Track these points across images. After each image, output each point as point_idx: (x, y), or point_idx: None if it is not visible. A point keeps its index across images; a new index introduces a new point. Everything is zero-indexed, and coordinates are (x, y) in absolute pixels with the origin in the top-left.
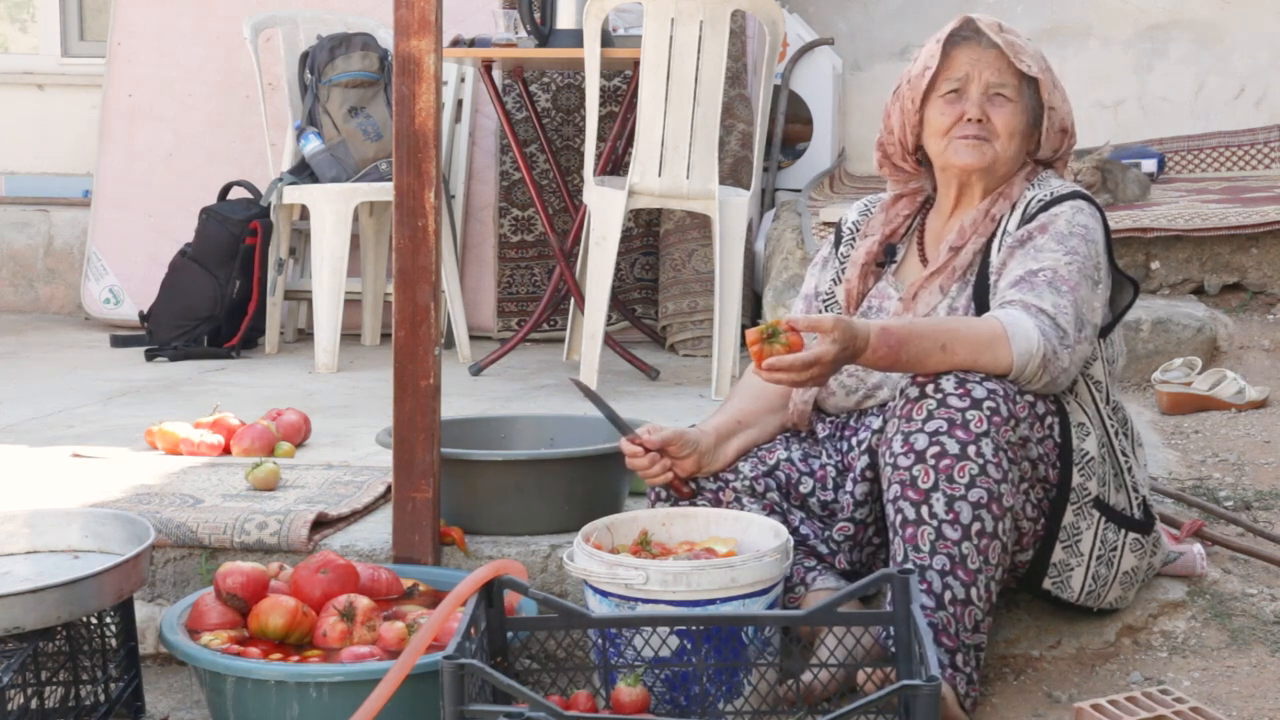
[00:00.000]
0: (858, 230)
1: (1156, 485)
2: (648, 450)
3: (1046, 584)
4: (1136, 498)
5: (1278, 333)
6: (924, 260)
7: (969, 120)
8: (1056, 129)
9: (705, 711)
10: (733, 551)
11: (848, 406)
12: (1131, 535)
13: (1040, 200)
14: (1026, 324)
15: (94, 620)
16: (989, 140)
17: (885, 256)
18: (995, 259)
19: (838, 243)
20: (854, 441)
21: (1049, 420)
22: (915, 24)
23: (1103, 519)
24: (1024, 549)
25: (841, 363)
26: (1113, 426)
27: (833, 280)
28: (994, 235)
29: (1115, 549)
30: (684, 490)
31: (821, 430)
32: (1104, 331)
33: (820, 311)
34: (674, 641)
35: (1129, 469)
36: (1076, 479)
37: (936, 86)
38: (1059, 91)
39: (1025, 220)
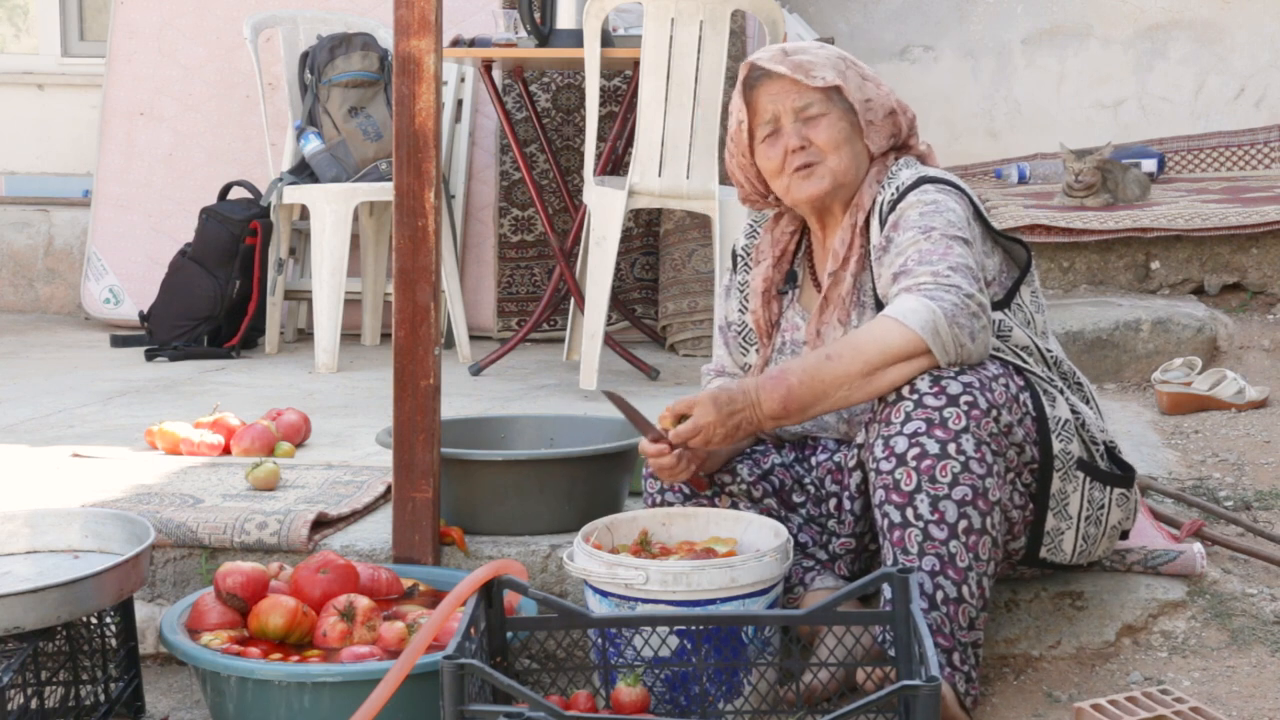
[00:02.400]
0: (749, 255)
1: (1156, 485)
2: (674, 447)
3: (1043, 553)
4: (1098, 448)
5: (1278, 333)
6: (817, 286)
7: (792, 152)
8: (880, 117)
9: (705, 711)
10: (733, 551)
11: (798, 433)
12: (1117, 491)
13: (890, 200)
14: (910, 302)
15: (94, 620)
16: (820, 161)
17: (786, 283)
18: (876, 274)
19: (735, 269)
20: (815, 463)
21: (1023, 398)
22: (915, 24)
23: (1087, 479)
24: (1015, 537)
25: (738, 420)
26: (1057, 385)
27: (739, 310)
28: (866, 251)
29: (1103, 507)
30: (704, 484)
31: (789, 453)
32: (1006, 301)
33: (739, 341)
34: (674, 641)
35: (1081, 423)
36: (1058, 446)
37: (754, 133)
38: (870, 83)
39: (882, 225)
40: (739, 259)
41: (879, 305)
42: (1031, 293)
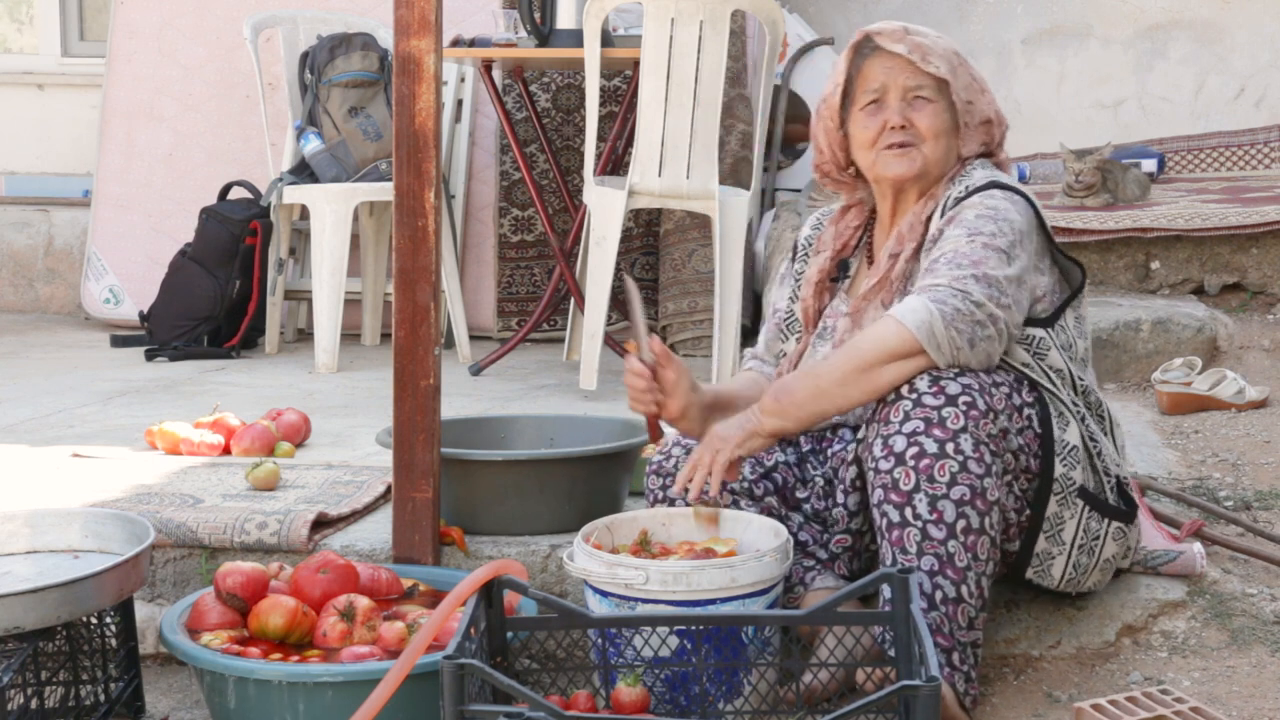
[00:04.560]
0: (810, 246)
1: (1156, 485)
2: (654, 374)
3: (1029, 573)
4: (1109, 480)
5: (1278, 333)
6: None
7: (892, 128)
8: (978, 122)
9: (705, 711)
10: (733, 551)
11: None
12: (1115, 525)
13: (957, 197)
14: (911, 302)
15: (94, 620)
16: (916, 145)
17: (838, 272)
18: (922, 263)
19: (793, 259)
20: (830, 452)
21: (1027, 411)
22: (915, 24)
23: (1086, 508)
24: (1011, 540)
25: (731, 432)
26: (1079, 412)
27: (789, 299)
28: (923, 240)
29: (1098, 538)
30: (655, 431)
31: (805, 444)
32: (1053, 319)
33: (780, 329)
34: (674, 641)
35: (1099, 453)
36: (1060, 469)
37: (855, 100)
38: (976, 85)
39: (943, 216)
40: (799, 249)
41: None
42: (1076, 318)
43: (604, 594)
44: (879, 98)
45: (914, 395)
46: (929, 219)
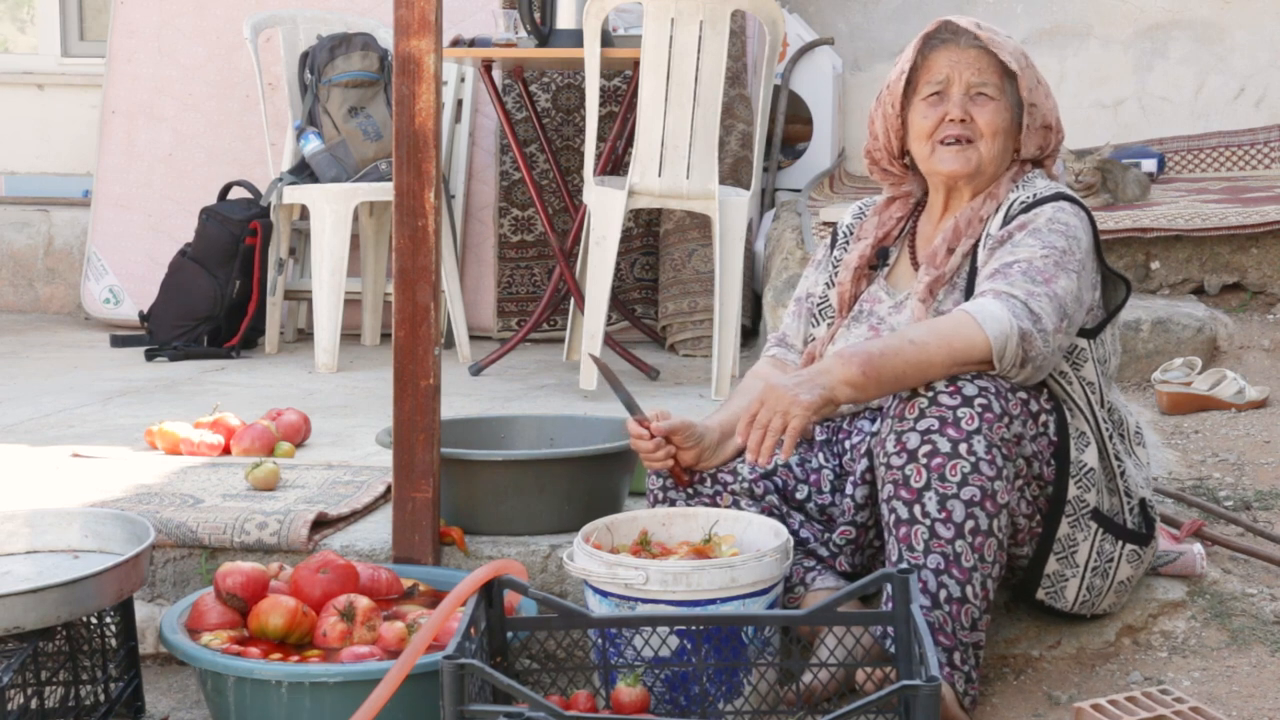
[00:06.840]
0: (852, 233)
1: (1156, 485)
2: (653, 435)
3: (1040, 594)
4: (1130, 502)
5: (1278, 333)
6: (915, 263)
7: (951, 121)
8: (1039, 125)
9: (705, 711)
10: (734, 551)
11: (843, 411)
12: (1129, 547)
13: (1023, 202)
14: (994, 307)
15: (94, 620)
16: (973, 141)
17: (878, 260)
18: (981, 261)
19: (832, 245)
20: (849, 445)
21: (1043, 419)
22: (915, 24)
23: (1100, 530)
24: (1020, 545)
25: (802, 394)
26: (1107, 430)
27: (825, 284)
28: (980, 238)
29: (1111, 560)
30: (683, 479)
31: (820, 434)
32: (1095, 331)
33: (812, 313)
34: (674, 641)
35: (1121, 473)
36: (1074, 491)
37: (917, 90)
38: (1041, 88)
39: (1007, 221)
40: (839, 236)
41: (968, 288)
42: (1113, 335)
43: (604, 594)
44: (942, 90)
45: (930, 394)
46: (987, 218)
